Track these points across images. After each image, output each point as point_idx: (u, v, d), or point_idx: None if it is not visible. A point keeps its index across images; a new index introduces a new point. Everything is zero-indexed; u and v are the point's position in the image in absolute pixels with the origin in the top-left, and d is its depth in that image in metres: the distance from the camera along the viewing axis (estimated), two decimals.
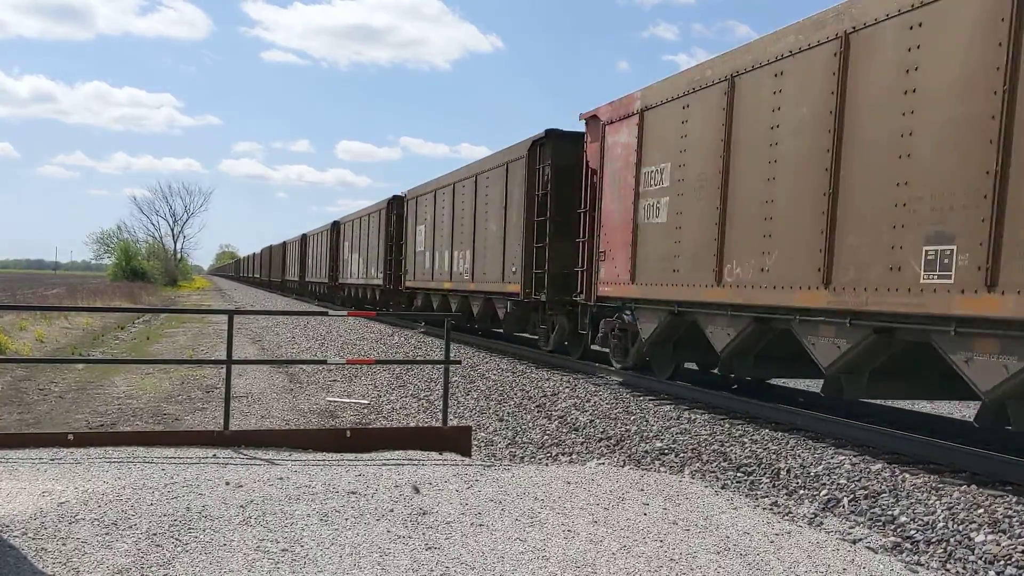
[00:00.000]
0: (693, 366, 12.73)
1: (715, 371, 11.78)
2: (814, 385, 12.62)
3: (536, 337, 16.38)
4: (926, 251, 7.01)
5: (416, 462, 6.67)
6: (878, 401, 11.00)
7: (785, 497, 6.65)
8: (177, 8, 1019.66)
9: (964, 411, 11.79)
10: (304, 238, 49.35)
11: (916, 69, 7.22)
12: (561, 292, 14.46)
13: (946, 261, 6.83)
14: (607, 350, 13.08)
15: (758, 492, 6.82)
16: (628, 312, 12.15)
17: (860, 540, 5.45)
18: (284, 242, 61.62)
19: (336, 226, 38.78)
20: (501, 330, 18.79)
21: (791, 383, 12.92)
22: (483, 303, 18.46)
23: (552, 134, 14.86)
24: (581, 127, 13.72)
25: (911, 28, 7.28)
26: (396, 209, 26.96)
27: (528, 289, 15.36)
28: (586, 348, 14.25)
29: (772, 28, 9.51)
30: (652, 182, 11.40)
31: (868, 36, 7.76)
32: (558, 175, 14.58)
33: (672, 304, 10.79)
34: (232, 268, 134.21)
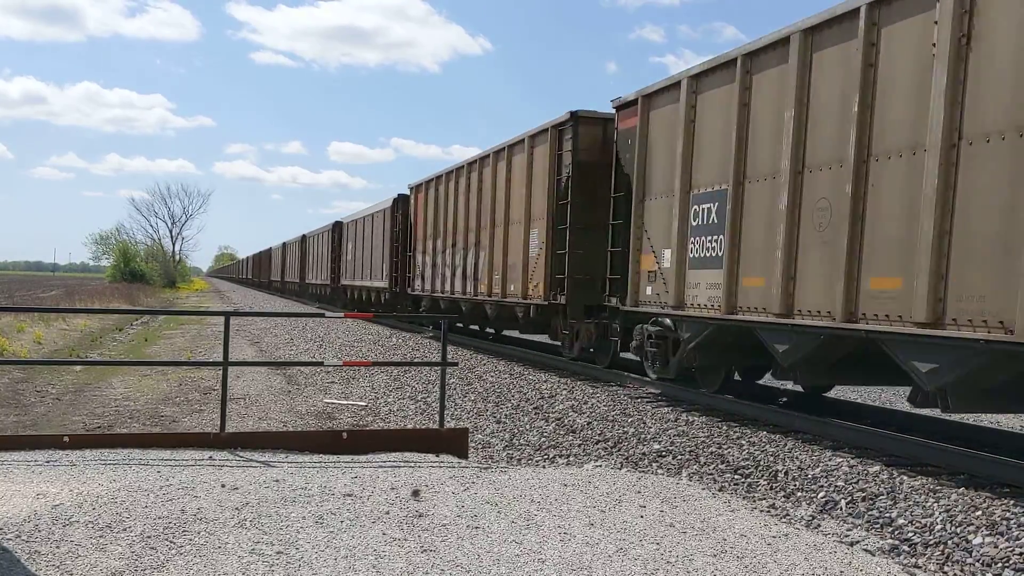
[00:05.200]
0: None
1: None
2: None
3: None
4: None
5: (412, 464, 6.66)
6: (875, 403, 10.99)
7: (783, 499, 6.63)
8: (165, 9, 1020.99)
9: (964, 413, 11.77)
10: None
11: None
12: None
13: None
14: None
15: (756, 494, 6.80)
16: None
17: (858, 542, 5.43)
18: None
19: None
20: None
21: (790, 384, 12.91)
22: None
23: (401, 196, 23.84)
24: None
25: None
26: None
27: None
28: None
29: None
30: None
31: None
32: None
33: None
34: (232, 270, 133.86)
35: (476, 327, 21.55)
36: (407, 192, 24.92)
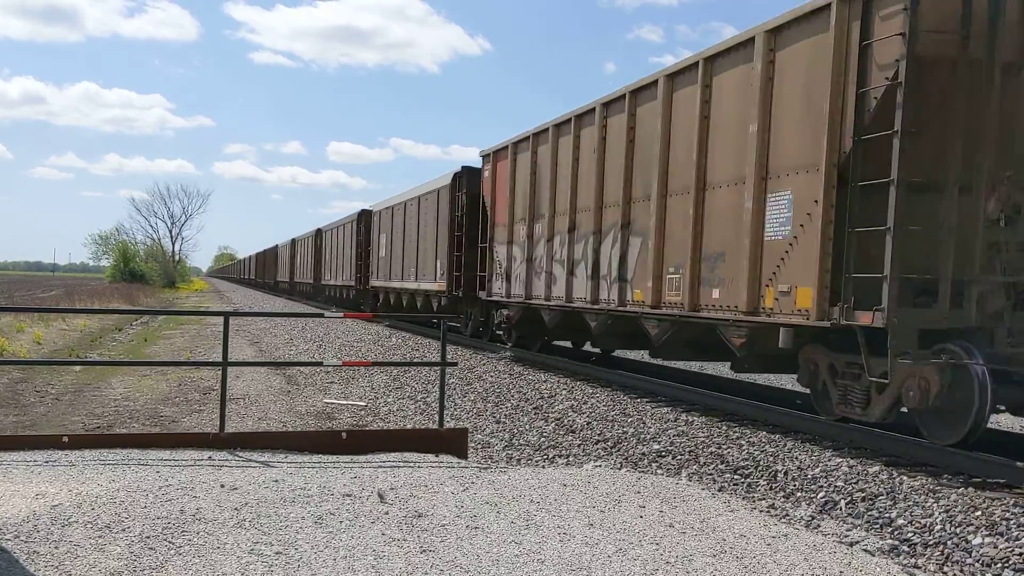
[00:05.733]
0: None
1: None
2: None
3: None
4: None
5: (412, 464, 6.65)
6: None
7: (782, 499, 6.63)
8: (163, 9, 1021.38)
9: None
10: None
11: None
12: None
13: None
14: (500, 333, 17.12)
15: (755, 494, 6.80)
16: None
17: (857, 543, 5.43)
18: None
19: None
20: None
21: (788, 385, 12.91)
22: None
23: (466, 169, 19.56)
24: None
25: None
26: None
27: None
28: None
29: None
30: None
31: None
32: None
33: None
34: (232, 270, 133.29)
35: (566, 342, 17.53)
36: (473, 164, 19.67)
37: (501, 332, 17.11)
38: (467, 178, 19.41)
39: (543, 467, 7.68)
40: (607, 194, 12.39)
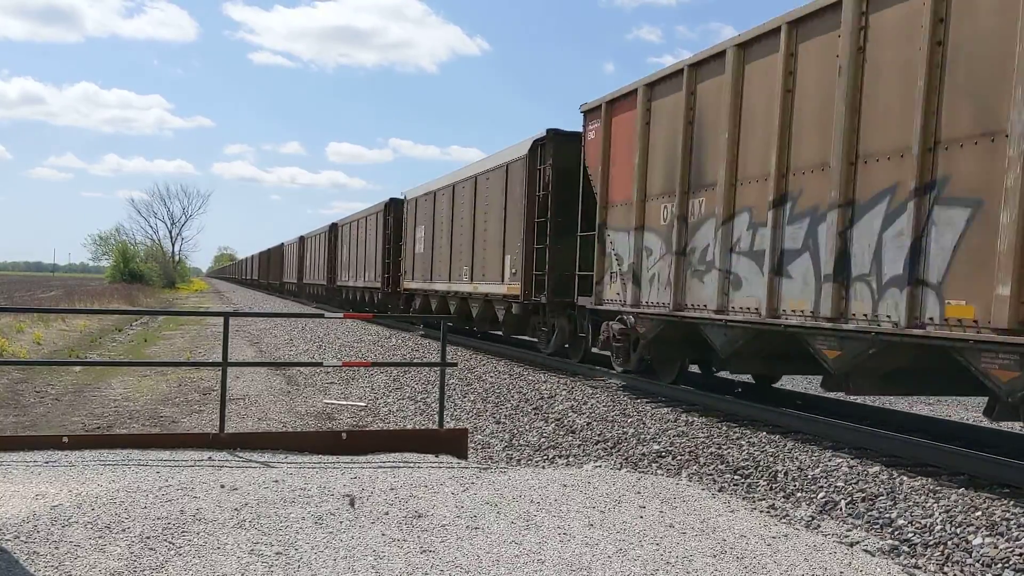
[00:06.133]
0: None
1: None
2: (811, 388, 12.61)
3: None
4: None
5: (412, 464, 6.65)
6: (875, 403, 10.98)
7: (782, 500, 6.63)
8: (162, 9, 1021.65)
9: (963, 413, 11.78)
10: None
11: None
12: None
13: None
14: (607, 353, 12.66)
15: (755, 495, 6.80)
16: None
17: (857, 543, 5.43)
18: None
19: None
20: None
21: (788, 386, 12.91)
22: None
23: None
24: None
25: None
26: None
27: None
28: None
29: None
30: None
31: None
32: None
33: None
34: (232, 270, 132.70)
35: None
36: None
37: (610, 352, 12.58)
38: (554, 145, 14.64)
39: (543, 467, 7.68)
40: (870, 139, 7.72)
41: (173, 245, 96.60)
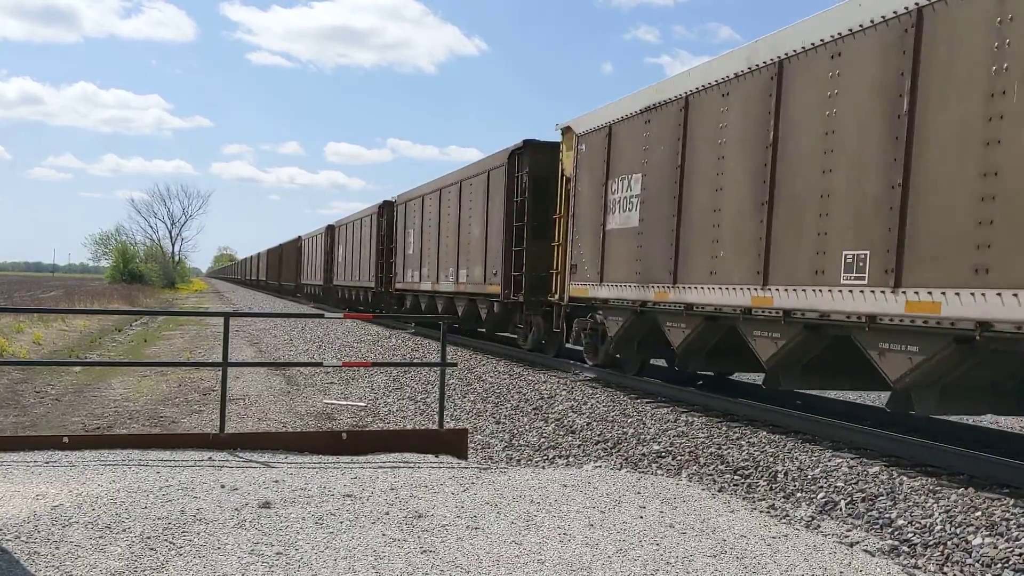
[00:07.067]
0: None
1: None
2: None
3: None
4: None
5: (412, 465, 6.65)
6: (875, 403, 10.99)
7: (782, 500, 6.63)
8: (160, 9, 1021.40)
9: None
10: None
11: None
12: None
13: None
14: (581, 348, 13.57)
15: (755, 495, 6.80)
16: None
17: (857, 543, 5.43)
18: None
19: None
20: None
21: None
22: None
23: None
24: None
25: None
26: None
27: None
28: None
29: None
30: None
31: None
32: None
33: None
34: (233, 270, 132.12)
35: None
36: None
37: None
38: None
39: (543, 468, 7.68)
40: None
41: (173, 245, 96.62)
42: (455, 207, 19.78)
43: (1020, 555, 5.07)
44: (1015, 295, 6.17)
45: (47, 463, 6.14)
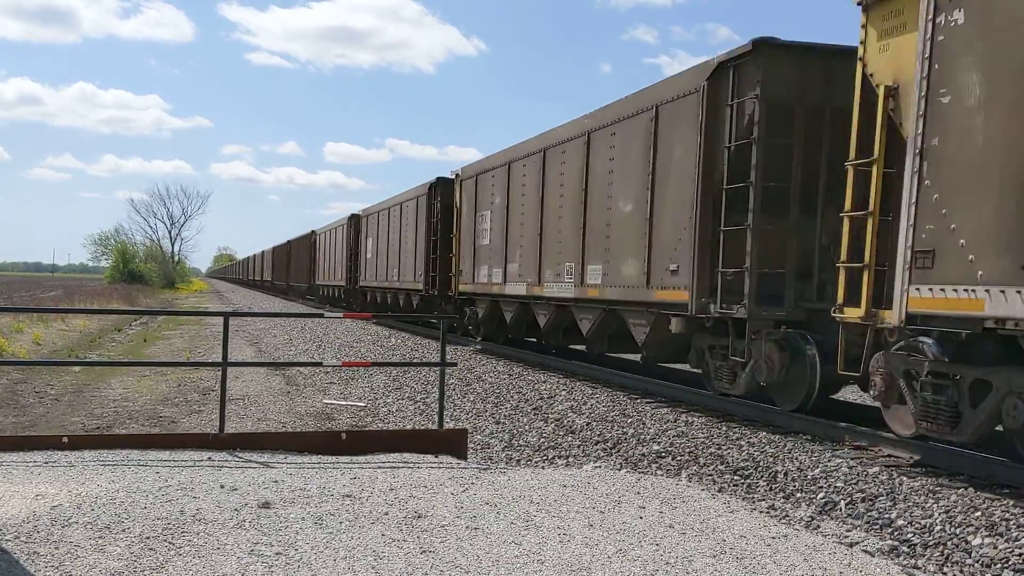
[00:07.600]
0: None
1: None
2: None
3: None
4: None
5: (412, 465, 6.65)
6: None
7: (782, 500, 6.63)
8: (158, 10, 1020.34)
9: None
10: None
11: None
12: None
13: None
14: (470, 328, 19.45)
15: (755, 495, 6.80)
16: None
17: (857, 543, 5.43)
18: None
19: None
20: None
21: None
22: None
23: (441, 180, 21.77)
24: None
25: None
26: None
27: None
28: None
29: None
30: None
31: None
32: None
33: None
34: (234, 270, 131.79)
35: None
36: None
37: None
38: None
39: (543, 468, 7.68)
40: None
41: (172, 245, 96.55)
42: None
43: (1020, 555, 5.07)
44: None
45: (46, 463, 6.14)
